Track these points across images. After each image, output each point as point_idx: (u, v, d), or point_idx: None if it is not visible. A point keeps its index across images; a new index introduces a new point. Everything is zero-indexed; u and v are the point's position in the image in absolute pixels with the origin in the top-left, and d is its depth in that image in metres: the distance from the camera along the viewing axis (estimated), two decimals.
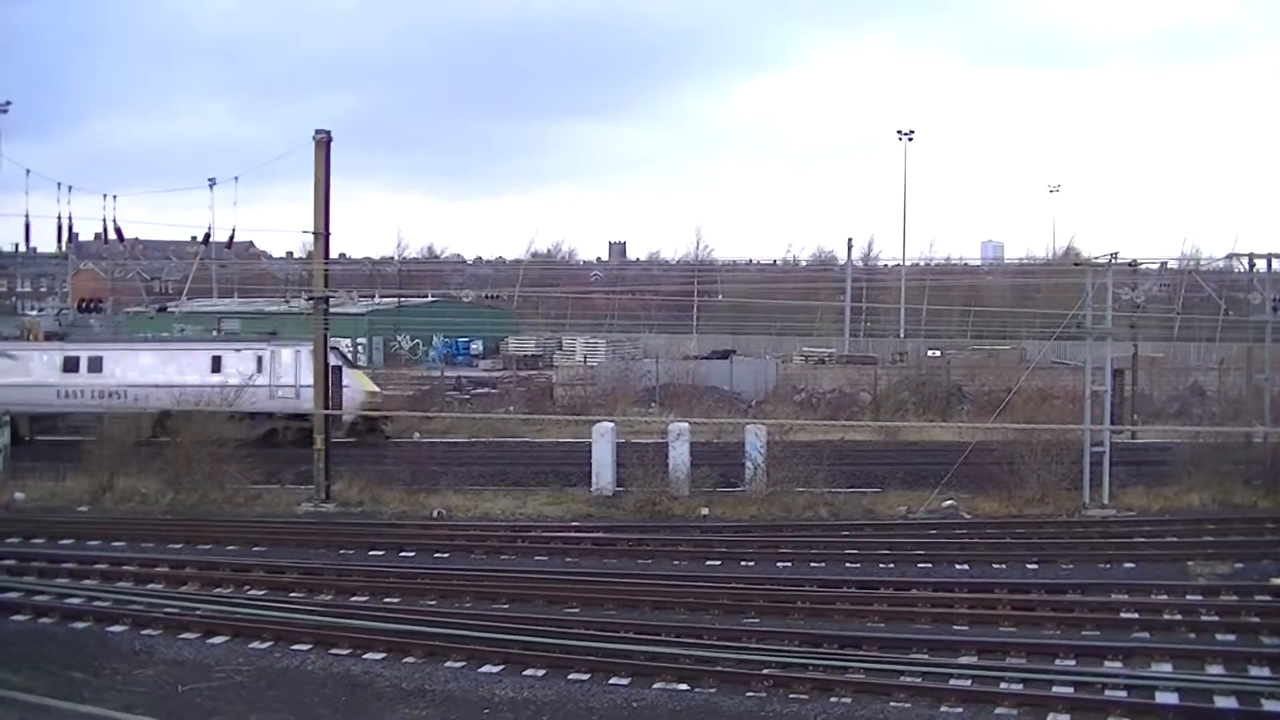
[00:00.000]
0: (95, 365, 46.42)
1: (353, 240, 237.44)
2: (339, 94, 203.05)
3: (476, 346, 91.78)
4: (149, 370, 45.66)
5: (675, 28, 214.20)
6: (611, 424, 35.31)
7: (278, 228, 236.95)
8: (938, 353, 76.79)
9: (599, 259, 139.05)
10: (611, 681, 18.26)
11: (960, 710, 16.93)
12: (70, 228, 40.19)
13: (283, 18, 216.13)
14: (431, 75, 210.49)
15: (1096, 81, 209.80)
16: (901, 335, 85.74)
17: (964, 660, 18.94)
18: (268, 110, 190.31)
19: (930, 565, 26.30)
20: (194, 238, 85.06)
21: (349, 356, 58.81)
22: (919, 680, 17.91)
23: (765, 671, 18.31)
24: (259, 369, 44.90)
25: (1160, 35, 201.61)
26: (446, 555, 27.80)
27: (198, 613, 22.16)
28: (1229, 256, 45.41)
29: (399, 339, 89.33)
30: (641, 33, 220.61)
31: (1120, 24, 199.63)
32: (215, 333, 67.35)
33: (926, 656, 19.23)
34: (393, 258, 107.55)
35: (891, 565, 26.39)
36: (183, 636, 20.95)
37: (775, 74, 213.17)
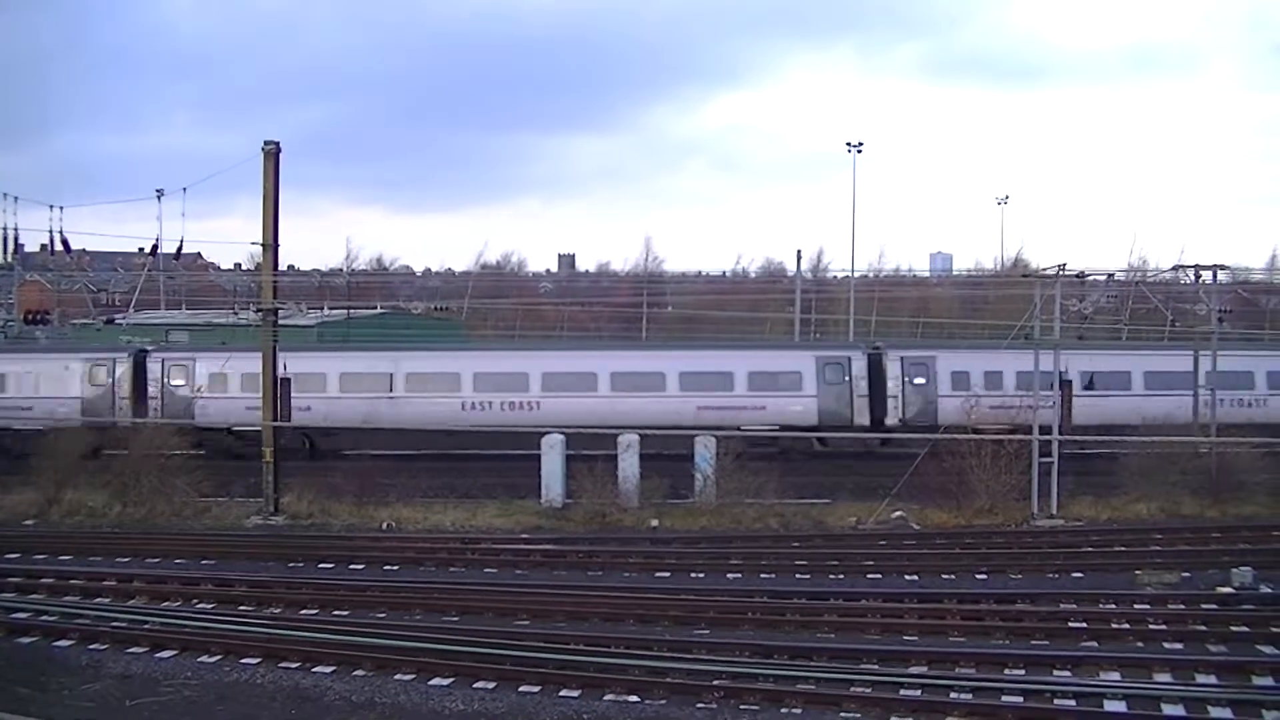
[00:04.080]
0: None
1: (304, 252, 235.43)
2: (304, 108, 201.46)
3: None
4: None
5: (649, 44, 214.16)
6: (561, 436, 35.18)
7: (230, 239, 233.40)
8: None
9: (548, 270, 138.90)
10: (562, 693, 18.29)
11: None
12: (16, 239, 39.73)
13: (256, 32, 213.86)
14: (397, 89, 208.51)
15: (1047, 95, 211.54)
16: None
17: (914, 670, 19.05)
18: (234, 123, 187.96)
19: (880, 576, 26.42)
20: (141, 249, 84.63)
21: None
22: (869, 690, 18.05)
23: (716, 682, 18.38)
24: None
25: (1117, 52, 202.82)
26: (396, 568, 27.70)
27: (146, 626, 22.01)
28: (1175, 268, 45.68)
29: None
30: (614, 49, 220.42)
31: (1077, 41, 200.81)
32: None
33: (877, 667, 19.32)
34: (342, 269, 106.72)
35: (841, 576, 26.44)
36: (131, 650, 20.79)
37: (743, 90, 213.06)
